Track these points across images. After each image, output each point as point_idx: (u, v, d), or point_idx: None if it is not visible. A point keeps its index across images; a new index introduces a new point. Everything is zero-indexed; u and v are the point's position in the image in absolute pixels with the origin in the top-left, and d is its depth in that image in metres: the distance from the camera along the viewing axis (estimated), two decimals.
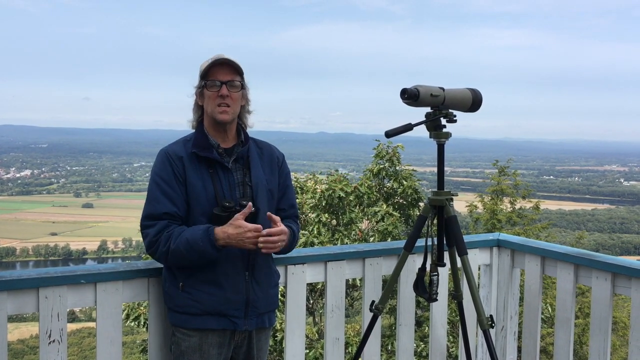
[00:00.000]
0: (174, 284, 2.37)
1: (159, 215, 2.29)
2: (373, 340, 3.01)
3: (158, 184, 2.33)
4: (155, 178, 2.35)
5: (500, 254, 3.40)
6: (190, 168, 2.34)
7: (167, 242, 2.26)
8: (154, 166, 2.38)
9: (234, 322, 2.37)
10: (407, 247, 2.87)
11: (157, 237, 2.28)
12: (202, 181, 2.34)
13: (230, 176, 2.39)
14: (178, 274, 2.36)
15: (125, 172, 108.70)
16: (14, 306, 2.28)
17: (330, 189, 10.18)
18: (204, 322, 2.34)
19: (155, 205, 2.31)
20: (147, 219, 2.32)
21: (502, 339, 3.39)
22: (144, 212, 2.34)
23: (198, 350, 2.36)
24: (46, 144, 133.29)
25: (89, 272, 2.39)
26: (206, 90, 2.37)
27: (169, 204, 2.30)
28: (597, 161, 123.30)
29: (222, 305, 2.34)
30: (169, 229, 2.28)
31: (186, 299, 2.34)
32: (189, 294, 2.34)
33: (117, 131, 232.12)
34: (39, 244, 65.41)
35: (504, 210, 15.33)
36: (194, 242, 2.23)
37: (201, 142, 2.39)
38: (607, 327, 2.82)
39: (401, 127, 2.58)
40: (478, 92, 2.88)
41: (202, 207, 2.32)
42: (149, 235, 2.30)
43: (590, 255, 2.91)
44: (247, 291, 2.38)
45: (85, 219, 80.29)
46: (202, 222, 2.31)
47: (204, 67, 2.37)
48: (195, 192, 2.33)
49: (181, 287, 2.35)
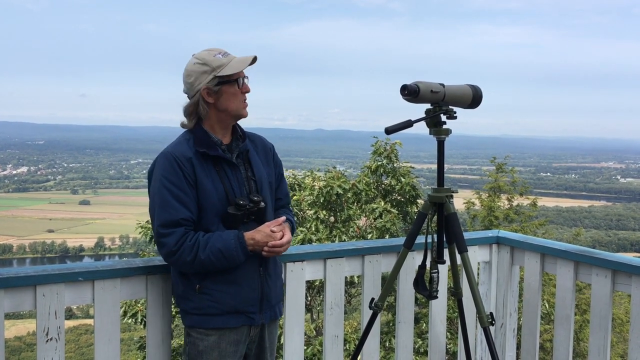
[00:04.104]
0: (190, 287, 2.32)
1: (176, 222, 2.21)
2: (372, 337, 3.00)
3: (169, 189, 2.23)
4: (165, 183, 2.24)
5: (499, 251, 3.39)
6: (199, 168, 2.27)
7: (193, 251, 2.20)
8: (160, 170, 2.27)
9: (251, 318, 2.38)
10: (407, 244, 2.86)
11: (178, 246, 2.20)
12: (212, 181, 2.28)
13: (238, 173, 2.36)
14: (193, 276, 2.31)
15: (122, 169, 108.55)
16: (11, 304, 2.26)
17: (328, 186, 10.17)
18: (223, 322, 2.33)
19: (170, 212, 2.22)
20: (163, 227, 2.22)
21: (502, 336, 3.39)
22: (158, 219, 2.23)
23: (216, 348, 2.34)
24: (43, 141, 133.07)
25: (87, 269, 2.38)
26: (227, 87, 2.31)
27: (183, 209, 2.23)
28: (594, 158, 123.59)
29: (241, 303, 2.34)
30: (190, 237, 2.22)
31: (205, 300, 2.31)
32: (208, 295, 2.30)
33: (114, 128, 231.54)
34: (36, 241, 65.33)
35: (501, 207, 15.33)
36: (227, 251, 2.22)
37: (205, 141, 2.32)
38: (607, 324, 2.82)
39: (401, 123, 2.57)
40: (478, 88, 2.86)
41: (214, 207, 2.27)
42: (167, 245, 2.21)
43: (590, 253, 2.91)
44: (261, 286, 2.40)
45: (82, 216, 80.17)
46: (215, 222, 2.28)
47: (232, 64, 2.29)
48: (206, 193, 2.26)
49: (198, 289, 2.30)
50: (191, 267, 2.24)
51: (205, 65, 2.28)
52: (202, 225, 2.27)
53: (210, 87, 2.29)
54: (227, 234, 2.26)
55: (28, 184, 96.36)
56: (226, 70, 2.29)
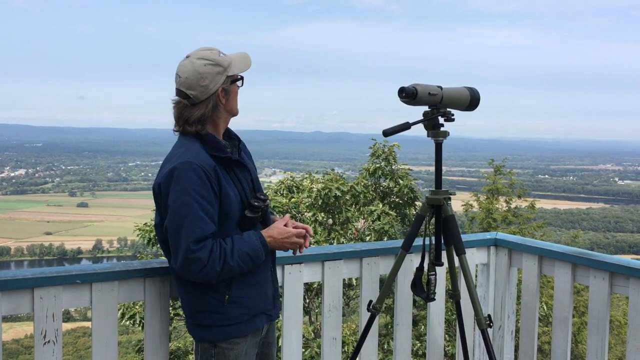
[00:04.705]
0: (216, 299, 2.21)
1: (207, 237, 2.11)
2: (370, 340, 2.99)
3: (200, 203, 2.10)
4: (196, 197, 2.09)
5: (497, 253, 3.39)
6: (222, 177, 2.17)
7: (221, 260, 2.11)
8: (188, 182, 2.10)
9: (269, 315, 2.38)
10: (405, 246, 2.86)
11: (208, 259, 2.09)
12: (231, 187, 2.21)
13: (246, 174, 2.32)
14: (218, 287, 2.21)
15: (121, 171, 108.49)
16: (8, 306, 2.25)
17: (327, 188, 10.17)
18: (253, 325, 2.31)
19: (203, 227, 2.10)
20: (196, 243, 2.08)
21: (500, 338, 3.39)
22: (190, 236, 2.08)
23: (244, 355, 2.31)
24: (41, 143, 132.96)
25: (85, 272, 2.37)
26: (233, 86, 2.27)
27: (211, 223, 2.13)
28: (591, 160, 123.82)
29: (264, 303, 2.34)
30: (216, 247, 2.13)
31: (234, 309, 2.24)
32: (237, 303, 2.24)
33: (112, 130, 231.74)
34: (34, 243, 65.24)
35: (499, 209, 15.35)
36: (254, 253, 2.19)
37: (217, 145, 2.22)
38: (605, 326, 2.82)
39: (399, 126, 2.57)
40: (476, 90, 2.87)
41: (236, 213, 2.21)
42: (201, 260, 2.08)
43: (588, 255, 2.91)
44: (273, 282, 2.41)
45: (80, 218, 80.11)
46: (234, 228, 2.22)
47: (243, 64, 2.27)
48: (230, 200, 2.18)
49: (227, 299, 2.22)
50: (219, 277, 2.14)
51: (218, 65, 2.20)
52: (224, 233, 2.19)
53: (225, 87, 2.24)
54: (249, 236, 2.21)
55: (26, 186, 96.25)
56: (235, 69, 2.25)
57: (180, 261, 2.10)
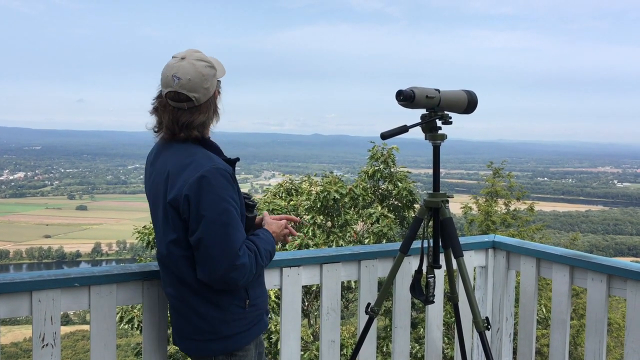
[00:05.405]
0: (238, 305, 2.16)
1: (244, 241, 2.09)
2: (369, 342, 2.99)
3: (235, 208, 2.07)
4: (230, 202, 2.05)
5: (495, 256, 3.40)
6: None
7: (257, 262, 2.09)
8: (222, 189, 2.04)
9: (267, 311, 2.38)
10: (403, 249, 2.86)
11: (250, 264, 2.06)
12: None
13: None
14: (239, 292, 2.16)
15: (120, 174, 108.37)
16: (7, 310, 2.25)
17: (325, 191, 10.18)
18: (265, 325, 2.31)
19: (242, 232, 2.08)
20: (240, 249, 2.03)
21: (498, 340, 3.39)
22: (236, 242, 2.02)
23: (257, 357, 2.31)
24: (40, 146, 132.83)
25: (83, 275, 2.37)
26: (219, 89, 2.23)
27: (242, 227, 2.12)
28: (590, 163, 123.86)
29: (267, 300, 2.35)
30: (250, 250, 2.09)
31: (253, 312, 2.22)
32: (255, 305, 2.22)
33: (111, 133, 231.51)
34: (33, 246, 65.16)
35: (498, 211, 15.36)
36: (274, 251, 2.22)
37: (219, 149, 2.20)
38: (603, 328, 2.83)
39: (397, 128, 2.57)
40: (473, 93, 2.88)
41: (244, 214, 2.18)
42: (245, 266, 2.03)
43: (586, 257, 2.91)
44: None
45: (79, 221, 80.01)
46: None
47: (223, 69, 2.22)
48: (242, 203, 2.17)
49: (248, 304, 2.18)
50: (251, 278, 2.10)
51: (213, 68, 2.14)
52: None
53: (219, 90, 2.21)
54: (264, 234, 2.23)
55: (25, 189, 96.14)
56: (219, 73, 2.21)
57: (224, 270, 2.00)
